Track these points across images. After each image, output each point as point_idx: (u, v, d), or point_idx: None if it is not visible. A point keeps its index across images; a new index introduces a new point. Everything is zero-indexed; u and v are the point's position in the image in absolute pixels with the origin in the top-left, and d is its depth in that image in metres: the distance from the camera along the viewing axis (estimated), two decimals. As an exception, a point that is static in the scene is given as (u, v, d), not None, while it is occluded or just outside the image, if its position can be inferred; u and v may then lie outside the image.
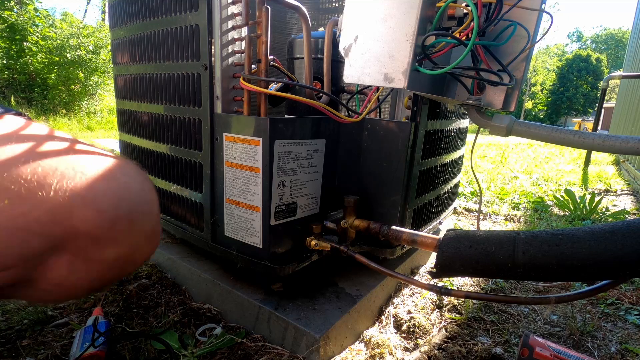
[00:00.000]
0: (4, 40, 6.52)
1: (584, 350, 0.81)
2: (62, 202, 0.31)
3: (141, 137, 0.98)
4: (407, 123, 0.76)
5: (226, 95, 0.74)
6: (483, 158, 4.08)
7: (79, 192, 0.32)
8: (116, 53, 1.04)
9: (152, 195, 0.39)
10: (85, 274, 0.35)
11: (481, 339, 0.81)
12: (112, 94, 7.67)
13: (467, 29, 0.56)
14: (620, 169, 3.64)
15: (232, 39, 0.73)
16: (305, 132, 0.74)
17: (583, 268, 0.46)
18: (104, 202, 0.33)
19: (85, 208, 0.32)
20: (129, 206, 0.35)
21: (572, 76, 29.15)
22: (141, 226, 0.37)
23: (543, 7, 0.62)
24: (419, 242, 0.64)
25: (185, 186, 0.86)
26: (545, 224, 1.69)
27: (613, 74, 3.45)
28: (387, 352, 0.73)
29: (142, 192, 0.37)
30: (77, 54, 7.07)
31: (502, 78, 0.64)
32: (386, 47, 0.53)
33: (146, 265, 1.04)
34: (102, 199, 0.33)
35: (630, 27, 6.14)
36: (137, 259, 0.39)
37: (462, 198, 2.07)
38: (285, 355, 0.70)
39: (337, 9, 1.22)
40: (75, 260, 0.33)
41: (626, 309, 0.98)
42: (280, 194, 0.71)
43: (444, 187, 1.04)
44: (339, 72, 0.81)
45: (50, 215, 0.30)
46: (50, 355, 0.70)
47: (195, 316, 0.83)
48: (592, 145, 0.60)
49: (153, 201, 0.39)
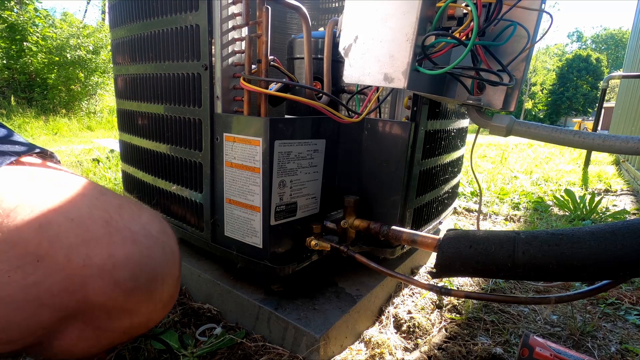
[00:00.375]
0: (4, 40, 6.52)
1: (584, 350, 0.81)
2: (76, 271, 0.28)
3: (141, 137, 0.98)
4: (407, 123, 0.76)
5: (226, 95, 0.74)
6: (483, 158, 4.08)
7: (95, 261, 0.28)
8: (116, 53, 1.04)
9: (175, 257, 0.36)
10: (96, 342, 0.32)
11: (481, 339, 0.81)
12: (112, 94, 7.68)
13: (467, 29, 0.56)
14: (620, 169, 3.64)
15: (232, 39, 0.73)
16: (305, 132, 0.74)
17: (583, 268, 0.46)
18: (122, 272, 0.30)
19: (101, 279, 0.29)
20: (150, 275, 0.32)
21: (572, 76, 29.15)
22: (158, 295, 0.34)
23: (543, 7, 0.62)
24: (419, 242, 0.64)
25: (185, 186, 0.86)
26: (545, 224, 1.69)
27: (613, 74, 3.45)
28: (387, 352, 0.73)
29: (164, 256, 0.34)
30: (77, 54, 7.07)
31: (502, 78, 0.64)
32: (386, 47, 0.53)
33: (146, 265, 1.04)
34: (121, 268, 0.30)
35: (630, 27, 6.14)
36: (150, 324, 0.36)
37: (462, 198, 2.07)
38: (285, 355, 0.70)
39: (337, 9, 1.22)
40: (85, 329, 0.31)
41: (626, 309, 0.98)
42: (280, 194, 0.71)
43: (444, 187, 1.04)
44: (339, 72, 0.81)
45: (62, 285, 0.27)
46: (51, 355, 0.70)
47: (195, 316, 0.83)
48: (592, 145, 0.60)
49: (175, 263, 0.35)
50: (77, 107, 7.26)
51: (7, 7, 6.56)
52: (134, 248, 0.31)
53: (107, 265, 0.29)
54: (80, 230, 0.28)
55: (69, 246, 0.27)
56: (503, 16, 0.59)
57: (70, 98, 7.16)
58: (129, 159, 1.09)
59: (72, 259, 0.27)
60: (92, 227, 0.29)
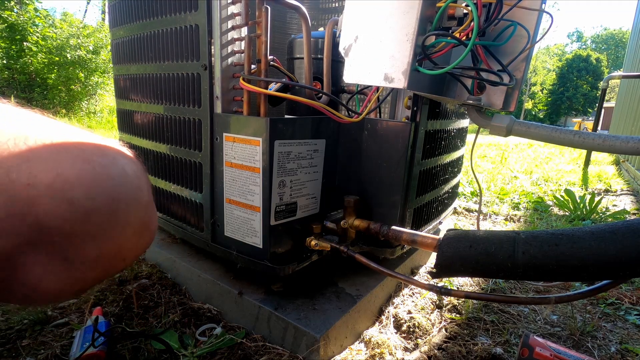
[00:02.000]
0: (4, 40, 6.52)
1: (584, 350, 0.81)
2: (20, 191, 0.25)
3: (141, 137, 0.98)
4: (407, 123, 0.76)
5: (226, 95, 0.74)
6: (483, 158, 4.08)
7: (43, 179, 0.26)
8: (116, 53, 1.04)
9: (140, 181, 0.33)
10: (67, 275, 0.30)
11: (481, 339, 0.81)
12: (112, 94, 7.67)
13: (467, 29, 0.56)
14: (620, 169, 3.64)
15: (231, 39, 0.73)
16: (305, 132, 0.74)
17: (583, 268, 0.46)
18: (75, 191, 0.27)
19: (50, 199, 0.26)
20: (108, 194, 0.29)
21: (572, 76, 29.14)
22: (125, 217, 0.31)
23: (543, 7, 0.62)
24: (419, 242, 0.64)
25: (185, 186, 0.86)
26: (545, 224, 1.69)
27: (613, 74, 3.45)
28: (387, 352, 0.73)
29: (125, 178, 0.31)
30: (77, 54, 7.06)
31: (502, 78, 0.64)
32: (386, 47, 0.53)
33: (146, 265, 1.04)
34: (73, 186, 0.27)
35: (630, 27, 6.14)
36: (126, 255, 0.33)
37: (462, 198, 2.07)
38: (285, 355, 0.70)
39: (337, 9, 1.22)
40: (51, 261, 0.28)
41: (626, 309, 0.98)
42: (280, 194, 0.71)
43: (444, 187, 1.04)
44: (339, 72, 0.81)
45: (8, 209, 0.25)
46: (50, 355, 0.70)
47: (195, 316, 0.83)
48: (592, 145, 0.60)
49: (140, 187, 0.32)
50: (77, 107, 7.25)
51: (7, 7, 6.55)
52: (87, 166, 0.28)
53: (56, 183, 0.26)
54: (21, 150, 0.26)
55: (9, 166, 0.25)
56: (503, 16, 0.59)
57: (70, 98, 7.16)
58: (128, 159, 1.09)
59: (14, 178, 0.25)
60: (36, 146, 0.26)
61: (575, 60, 29.47)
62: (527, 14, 0.63)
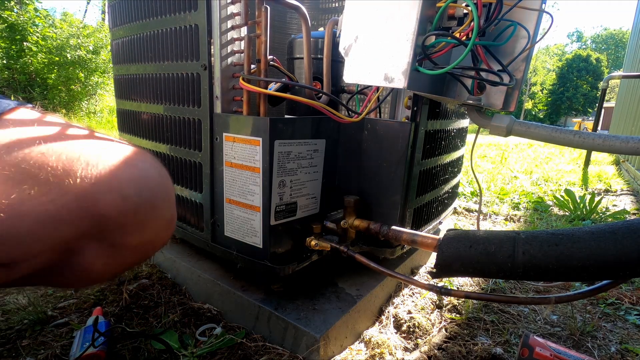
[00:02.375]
0: (4, 40, 6.51)
1: (584, 350, 0.81)
2: (89, 189, 0.32)
3: (141, 138, 0.98)
4: (407, 123, 0.76)
5: (226, 95, 0.74)
6: (483, 158, 4.08)
7: (104, 179, 0.33)
8: (116, 53, 1.04)
9: (169, 182, 0.40)
10: (112, 260, 0.36)
11: (481, 339, 0.81)
12: (112, 94, 7.67)
13: (467, 29, 0.56)
14: (620, 169, 3.64)
15: (231, 39, 0.73)
16: (305, 132, 0.74)
17: (583, 268, 0.46)
18: (128, 188, 0.34)
19: (110, 195, 0.33)
20: (151, 192, 0.36)
21: (572, 76, 29.15)
22: (161, 212, 0.38)
23: (543, 7, 0.62)
24: (419, 242, 0.64)
25: (185, 186, 0.86)
26: (545, 224, 1.69)
27: (613, 74, 3.45)
28: (387, 352, 0.73)
29: (160, 179, 0.38)
30: (77, 54, 7.06)
31: (502, 78, 0.64)
32: (386, 47, 0.53)
33: (146, 265, 1.04)
34: (126, 186, 0.34)
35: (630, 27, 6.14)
36: (157, 244, 0.40)
37: (462, 198, 2.07)
38: (285, 355, 0.70)
39: (337, 9, 1.22)
40: (101, 247, 0.34)
41: (626, 309, 0.98)
42: (280, 194, 0.71)
43: (444, 187, 1.04)
44: (339, 72, 0.81)
45: (78, 203, 0.31)
46: (50, 355, 0.70)
47: (195, 316, 0.83)
48: (592, 145, 0.60)
49: (170, 188, 0.40)
50: (77, 107, 7.25)
51: (7, 7, 6.55)
52: (134, 170, 0.36)
53: (113, 183, 0.33)
54: (89, 157, 0.33)
55: (80, 169, 0.32)
56: (503, 16, 0.59)
57: (70, 98, 7.15)
58: (128, 159, 1.09)
59: (84, 179, 0.32)
60: (97, 152, 0.35)
61: (575, 60, 29.48)
62: (527, 14, 0.63)
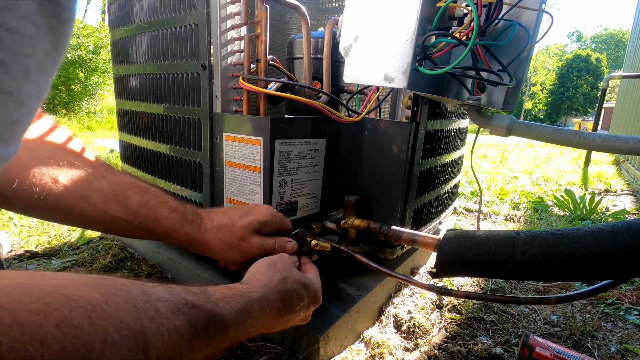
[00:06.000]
0: (3, 40, 6.51)
1: (584, 350, 0.81)
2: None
3: (141, 137, 0.98)
4: (407, 123, 0.76)
5: (225, 94, 0.74)
6: (483, 158, 4.08)
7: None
8: (116, 53, 1.04)
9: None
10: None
11: (481, 339, 0.81)
12: (112, 94, 7.66)
13: (467, 29, 0.56)
14: (620, 169, 3.64)
15: (231, 39, 0.73)
16: (306, 132, 0.74)
17: (583, 268, 0.46)
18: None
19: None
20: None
21: (572, 76, 29.17)
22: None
23: (543, 7, 0.62)
24: (419, 242, 0.64)
25: (185, 186, 0.86)
26: (545, 224, 1.69)
27: (613, 74, 3.46)
28: (387, 352, 0.73)
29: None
30: (77, 53, 7.06)
31: (502, 78, 0.64)
32: (386, 47, 0.53)
33: (146, 265, 1.04)
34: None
35: (630, 27, 6.14)
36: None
37: (462, 198, 2.07)
38: (285, 355, 0.70)
39: (337, 9, 1.22)
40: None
41: (626, 309, 0.98)
42: (280, 194, 0.71)
43: (444, 187, 1.04)
44: (339, 72, 0.81)
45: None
46: (50, 355, 0.70)
47: (195, 316, 0.82)
48: (592, 145, 0.60)
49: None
50: (77, 107, 7.25)
51: (7, 7, 6.55)
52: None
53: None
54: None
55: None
56: (503, 16, 0.59)
57: (70, 98, 7.16)
58: (129, 159, 1.09)
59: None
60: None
61: (575, 60, 29.49)
62: (527, 14, 0.63)
